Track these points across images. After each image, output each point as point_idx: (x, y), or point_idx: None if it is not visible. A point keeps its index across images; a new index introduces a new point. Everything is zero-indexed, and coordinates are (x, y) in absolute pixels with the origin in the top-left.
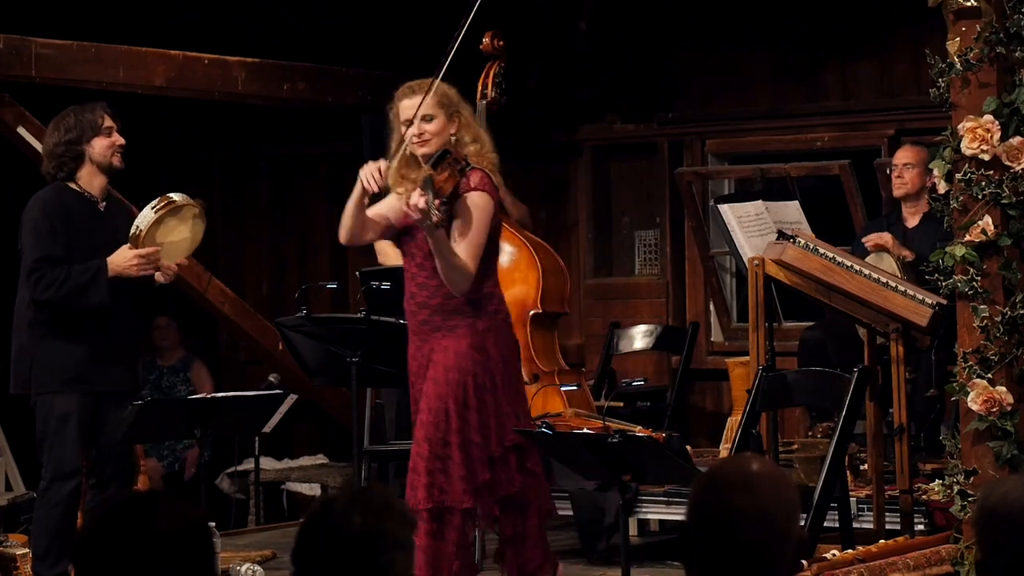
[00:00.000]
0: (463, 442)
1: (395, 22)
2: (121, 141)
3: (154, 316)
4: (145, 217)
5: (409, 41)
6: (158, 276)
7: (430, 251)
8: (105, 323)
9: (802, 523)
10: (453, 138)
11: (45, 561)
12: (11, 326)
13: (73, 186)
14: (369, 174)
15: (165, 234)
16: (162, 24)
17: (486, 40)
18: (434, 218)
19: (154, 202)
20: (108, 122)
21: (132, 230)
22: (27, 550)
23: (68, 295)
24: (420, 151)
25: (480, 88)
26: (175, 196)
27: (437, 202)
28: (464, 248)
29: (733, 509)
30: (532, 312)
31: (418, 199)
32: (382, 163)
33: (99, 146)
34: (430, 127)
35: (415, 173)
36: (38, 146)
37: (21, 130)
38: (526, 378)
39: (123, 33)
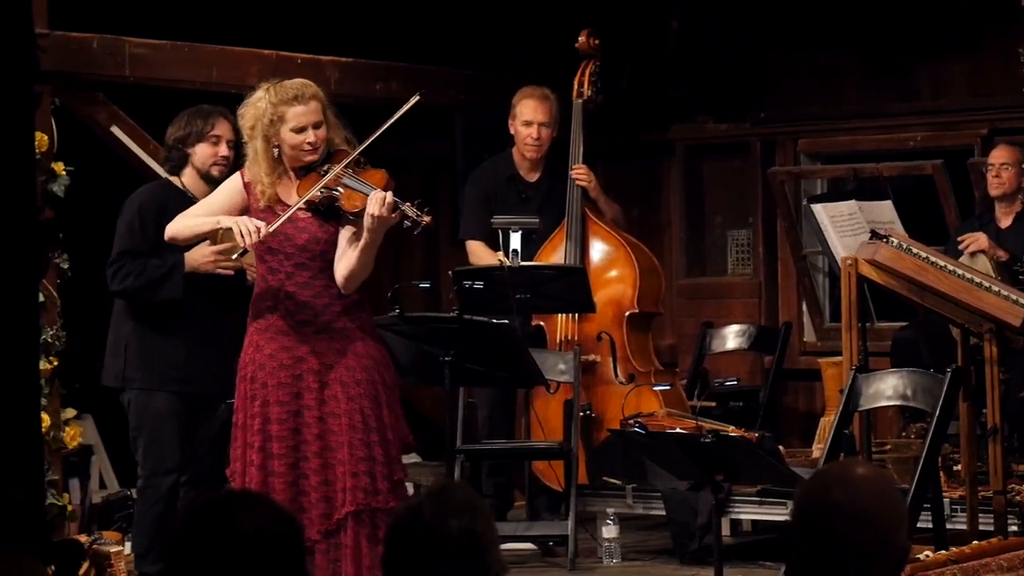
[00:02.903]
0: (382, 440)
1: (488, 22)
2: (225, 152)
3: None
4: None
5: (502, 41)
6: (249, 275)
7: (319, 252)
8: (201, 324)
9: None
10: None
11: (147, 558)
12: (108, 320)
13: (178, 183)
14: (249, 231)
15: None
16: (256, 23)
17: (582, 39)
18: (424, 221)
19: None
20: (217, 131)
21: None
22: (121, 548)
23: (143, 287)
24: (308, 158)
25: (576, 87)
26: None
27: (408, 204)
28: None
29: (832, 506)
30: (628, 312)
31: (389, 203)
32: (261, 226)
33: (200, 153)
34: (321, 133)
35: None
36: (132, 145)
37: (115, 129)
38: (621, 378)
39: (217, 32)
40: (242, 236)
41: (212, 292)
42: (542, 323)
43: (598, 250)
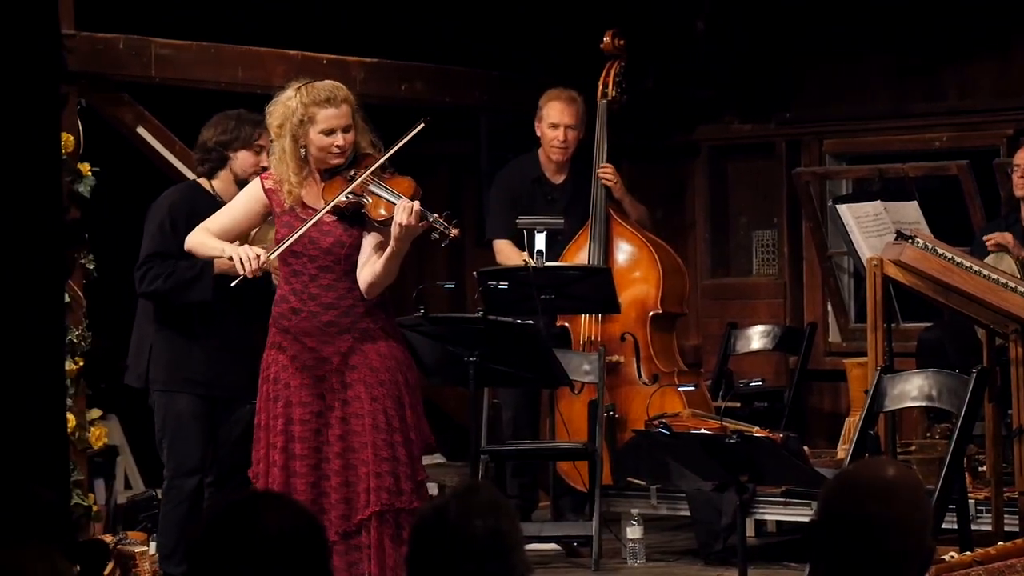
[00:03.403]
0: (405, 441)
1: (513, 23)
2: (265, 163)
3: None
4: None
5: (527, 42)
6: (275, 280)
7: (343, 256)
8: (224, 327)
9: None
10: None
11: (172, 559)
12: (133, 321)
13: (207, 187)
14: (248, 259)
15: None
16: (281, 24)
17: (607, 39)
18: (452, 233)
19: None
20: (263, 141)
21: None
22: (146, 548)
23: (172, 289)
24: (335, 162)
25: (601, 87)
26: None
27: (436, 215)
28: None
29: (871, 518)
30: (652, 313)
31: (417, 212)
32: (261, 254)
33: (243, 159)
34: (350, 137)
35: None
36: (157, 146)
37: (141, 130)
38: (645, 379)
39: (242, 33)
40: (242, 265)
41: (238, 296)
42: (566, 324)
43: (622, 250)
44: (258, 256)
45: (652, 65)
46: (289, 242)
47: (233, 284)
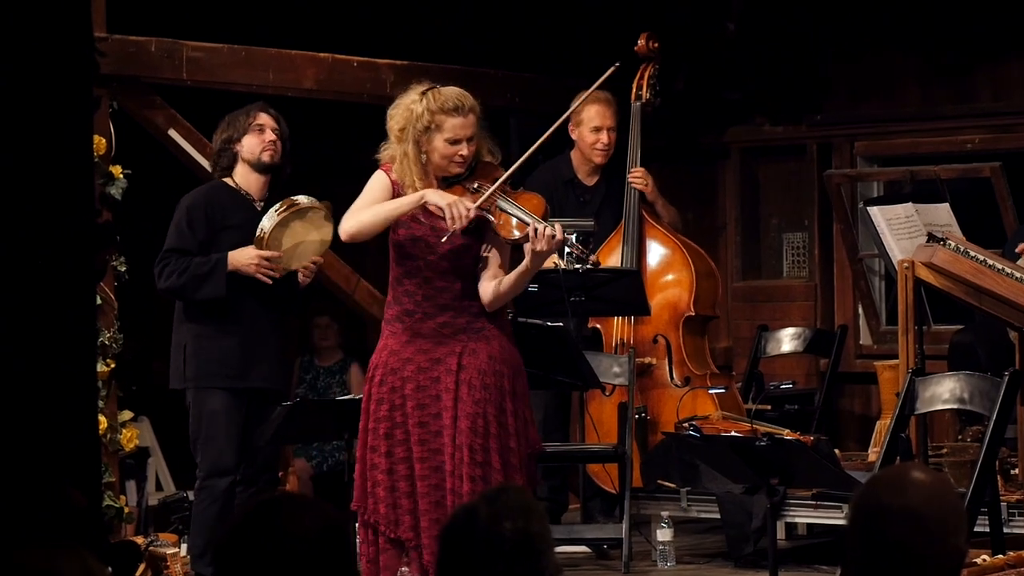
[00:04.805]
0: (501, 448)
1: (542, 24)
2: (271, 138)
3: (313, 316)
4: (269, 219)
5: (555, 43)
6: (300, 277)
7: (458, 261)
8: (254, 324)
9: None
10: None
11: (203, 560)
12: (162, 322)
13: (230, 183)
14: (460, 215)
15: (291, 237)
16: (312, 26)
17: (641, 42)
18: (592, 260)
19: (278, 205)
20: (259, 120)
21: (257, 231)
22: (177, 549)
23: (186, 284)
24: (456, 170)
25: (635, 90)
26: (300, 199)
27: (572, 239)
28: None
29: (884, 509)
30: (685, 315)
31: (557, 242)
32: (471, 207)
33: (248, 144)
34: (474, 147)
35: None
36: (189, 148)
37: (172, 132)
38: (677, 381)
39: (273, 36)
40: (453, 219)
41: (264, 292)
42: (598, 325)
43: (655, 253)
44: (468, 211)
45: (683, 67)
46: (482, 200)
47: (444, 239)
